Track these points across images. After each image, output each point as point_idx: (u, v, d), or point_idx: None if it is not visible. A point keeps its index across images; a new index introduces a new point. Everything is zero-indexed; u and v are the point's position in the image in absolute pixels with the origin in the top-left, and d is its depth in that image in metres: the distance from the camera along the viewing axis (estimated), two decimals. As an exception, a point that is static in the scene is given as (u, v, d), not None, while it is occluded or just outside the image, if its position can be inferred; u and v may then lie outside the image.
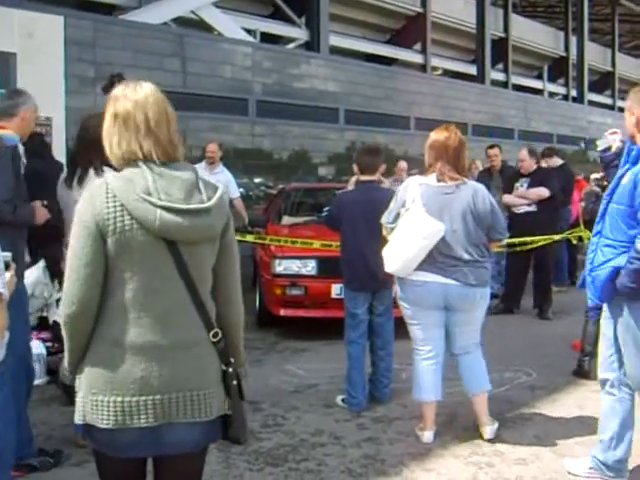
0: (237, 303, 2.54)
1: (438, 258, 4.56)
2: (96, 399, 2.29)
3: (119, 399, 2.27)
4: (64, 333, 2.38)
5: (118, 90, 2.44)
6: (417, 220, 4.52)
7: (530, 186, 8.68)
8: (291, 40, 17.11)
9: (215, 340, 2.40)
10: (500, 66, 23.29)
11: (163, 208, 2.26)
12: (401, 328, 5.85)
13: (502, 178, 9.55)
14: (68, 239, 2.42)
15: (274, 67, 15.02)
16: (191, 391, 2.33)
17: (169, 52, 13.21)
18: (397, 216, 4.69)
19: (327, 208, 6.56)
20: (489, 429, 4.78)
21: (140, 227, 2.26)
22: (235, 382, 2.44)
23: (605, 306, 4.01)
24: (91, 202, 2.29)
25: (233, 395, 2.44)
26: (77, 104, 10.72)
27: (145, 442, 2.31)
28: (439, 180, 4.64)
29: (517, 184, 8.84)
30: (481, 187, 4.80)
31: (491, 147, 10.17)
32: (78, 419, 2.35)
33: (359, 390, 5.43)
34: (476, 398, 4.86)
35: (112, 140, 2.39)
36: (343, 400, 5.49)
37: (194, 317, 2.36)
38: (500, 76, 23.03)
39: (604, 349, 4.09)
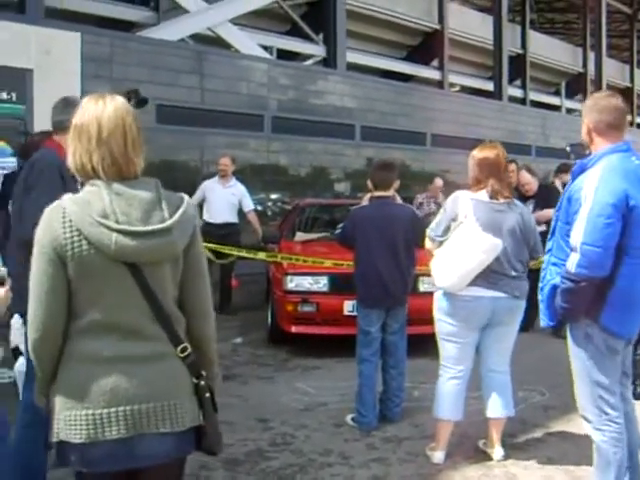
0: (208, 316, 2.54)
1: (488, 273, 4.50)
2: (69, 414, 2.29)
3: (90, 412, 2.27)
4: (32, 358, 2.39)
5: (84, 101, 2.43)
6: (475, 234, 4.44)
7: (536, 207, 8.55)
8: (308, 57, 17.15)
9: (183, 355, 2.40)
10: (518, 82, 23.22)
11: (119, 232, 2.24)
12: (413, 345, 5.82)
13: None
14: None
15: (291, 83, 15.05)
16: (161, 401, 2.33)
17: (186, 69, 13.27)
18: (447, 230, 4.62)
19: (341, 225, 6.49)
20: (499, 450, 4.70)
21: (97, 252, 2.25)
22: (208, 395, 2.44)
23: None
24: (48, 227, 2.28)
25: (206, 407, 2.44)
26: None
27: (118, 455, 2.31)
28: (491, 197, 4.60)
29: None
30: (525, 208, 4.87)
31: (509, 162, 10.06)
32: (54, 437, 2.35)
33: (369, 409, 5.35)
34: (496, 421, 4.77)
35: (69, 151, 2.39)
36: (353, 419, 5.42)
37: (159, 332, 2.36)
38: (518, 92, 22.95)
39: None
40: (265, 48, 15.96)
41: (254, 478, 4.41)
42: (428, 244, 4.79)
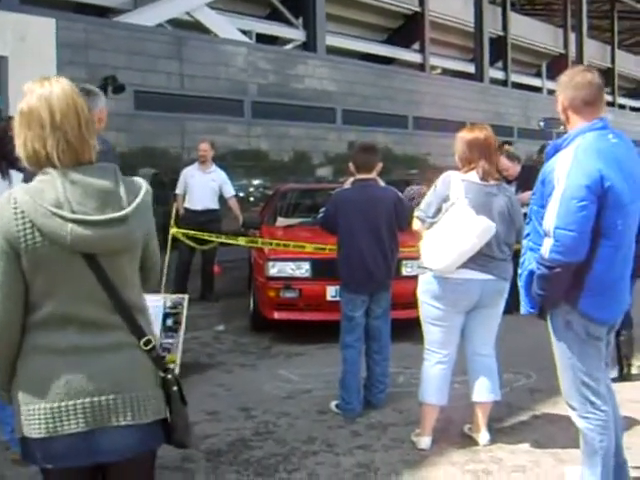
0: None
1: (478, 255, 4.41)
2: (28, 409, 2.22)
3: (48, 405, 2.19)
4: None
5: (26, 85, 2.30)
6: (468, 217, 4.35)
7: (518, 189, 8.45)
8: (288, 41, 17.01)
9: (147, 348, 2.32)
10: (499, 64, 23.17)
11: (75, 222, 2.14)
12: (397, 330, 5.74)
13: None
14: None
15: (270, 68, 14.90)
16: (122, 394, 2.25)
17: (164, 54, 13.09)
18: (438, 211, 4.51)
19: (323, 209, 6.37)
20: (485, 434, 4.64)
21: (52, 243, 2.15)
22: (175, 388, 2.37)
23: None
24: (0, 219, 2.17)
25: (174, 401, 2.37)
26: (70, 107, 10.57)
27: (79, 449, 2.23)
28: (482, 178, 4.51)
29: None
30: (512, 190, 4.82)
31: (499, 145, 9.98)
32: (17, 434, 2.28)
33: (353, 395, 5.28)
34: (482, 405, 4.70)
35: (19, 140, 2.26)
36: (337, 406, 5.34)
37: (119, 323, 2.28)
38: (499, 74, 22.90)
39: None
40: (244, 32, 15.78)
41: (237, 468, 4.32)
42: (417, 225, 4.69)
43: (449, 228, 4.40)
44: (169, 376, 2.36)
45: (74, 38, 11.60)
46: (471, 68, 21.85)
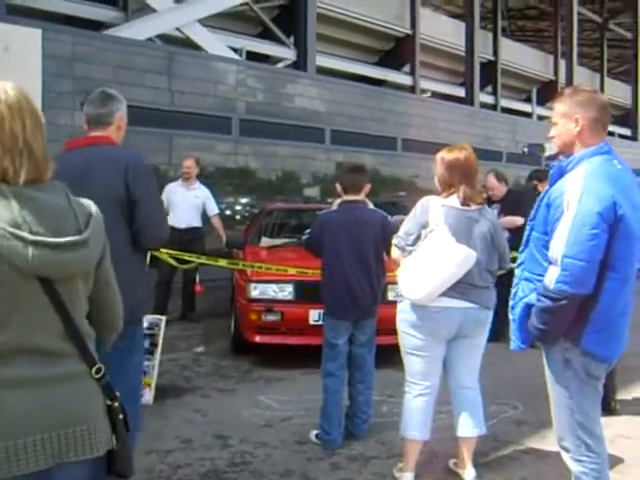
0: (117, 327, 2.34)
1: (457, 283, 4.18)
2: None
3: (2, 444, 1.97)
4: None
5: None
6: (447, 245, 4.12)
7: (501, 211, 8.29)
8: (279, 60, 16.96)
9: (98, 376, 2.15)
10: (489, 89, 23.21)
11: (36, 244, 1.94)
12: (382, 356, 5.54)
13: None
14: None
15: (260, 86, 14.80)
16: (80, 426, 2.08)
17: (153, 68, 12.96)
18: (417, 238, 4.28)
19: (308, 230, 6.18)
20: (471, 470, 4.44)
21: (8, 266, 1.94)
22: (121, 416, 2.21)
23: None
24: None
25: (119, 430, 2.21)
26: (54, 119, 10.40)
27: None
28: (463, 203, 4.30)
29: None
30: (494, 213, 4.51)
31: (488, 173, 9.83)
32: None
33: (334, 426, 5.06)
34: (467, 441, 4.48)
35: None
36: (317, 436, 5.12)
37: (72, 351, 2.10)
38: (489, 99, 22.94)
39: None
40: (235, 50, 15.71)
41: (210, 501, 4.11)
42: (395, 253, 4.48)
43: (428, 256, 4.18)
44: (116, 404, 2.20)
45: (61, 50, 11.47)
46: (461, 92, 21.87)
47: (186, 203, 9.39)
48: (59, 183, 2.11)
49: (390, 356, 5.88)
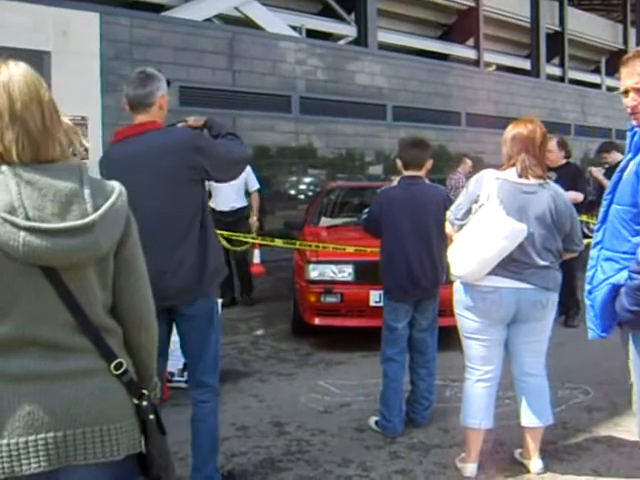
0: (145, 325, 2.10)
1: (510, 262, 3.95)
2: None
3: (4, 441, 1.85)
4: None
5: None
6: (496, 218, 3.88)
7: (557, 181, 7.87)
8: (340, 37, 16.75)
9: (118, 372, 1.99)
10: (556, 60, 22.55)
11: (28, 230, 1.79)
12: (445, 338, 5.31)
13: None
14: None
15: (321, 64, 14.61)
16: (91, 427, 1.92)
17: (212, 49, 12.86)
18: (467, 213, 4.08)
19: (367, 210, 5.95)
20: (537, 462, 4.19)
21: (3, 254, 1.81)
22: (152, 416, 2.04)
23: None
24: None
25: (151, 431, 2.04)
26: (113, 103, 10.36)
27: None
28: (520, 176, 4.04)
29: None
30: (562, 191, 4.22)
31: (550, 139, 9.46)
32: None
33: (395, 413, 4.86)
34: (532, 431, 4.21)
35: None
36: (376, 423, 4.94)
37: (86, 346, 1.95)
38: (556, 71, 22.31)
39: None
40: (294, 28, 15.52)
41: (263, 493, 3.98)
42: (448, 228, 4.28)
43: (476, 231, 3.95)
44: (144, 403, 2.04)
45: (118, 33, 11.44)
46: (527, 64, 21.31)
47: (227, 184, 9.22)
48: (75, 164, 1.97)
49: (454, 337, 5.66)
